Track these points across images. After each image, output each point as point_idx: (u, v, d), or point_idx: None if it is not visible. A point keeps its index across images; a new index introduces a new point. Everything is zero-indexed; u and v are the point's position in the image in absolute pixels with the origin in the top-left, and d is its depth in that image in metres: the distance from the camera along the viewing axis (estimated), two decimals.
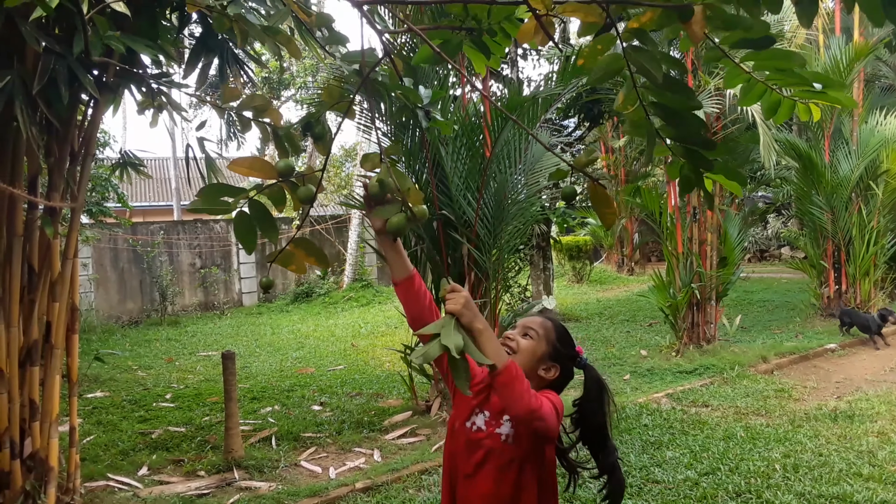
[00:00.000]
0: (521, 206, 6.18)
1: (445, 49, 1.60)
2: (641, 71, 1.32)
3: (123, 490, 4.62)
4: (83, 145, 4.15)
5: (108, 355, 9.48)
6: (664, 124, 1.42)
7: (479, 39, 1.62)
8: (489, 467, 1.87)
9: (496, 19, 1.58)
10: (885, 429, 5.27)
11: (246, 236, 1.53)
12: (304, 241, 1.58)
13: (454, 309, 1.53)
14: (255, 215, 1.52)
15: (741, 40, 1.36)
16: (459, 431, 1.96)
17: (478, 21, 1.58)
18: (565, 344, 1.97)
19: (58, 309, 4.04)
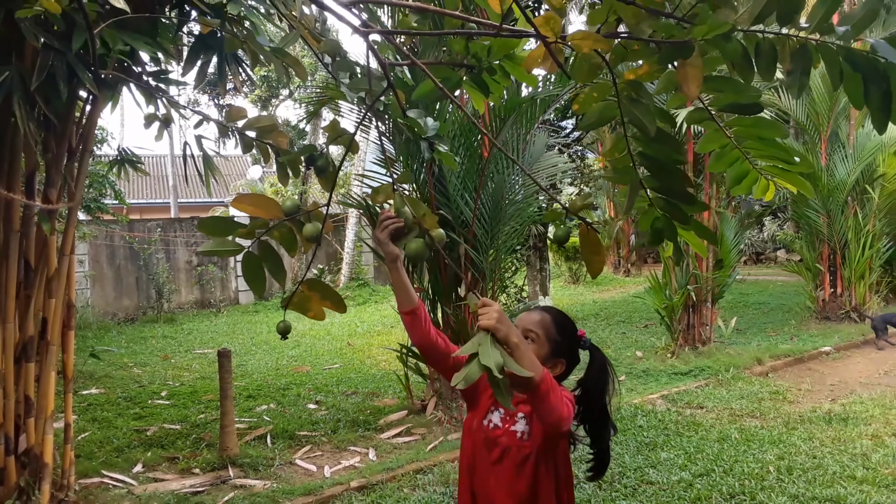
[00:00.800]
0: (518, 206, 6.19)
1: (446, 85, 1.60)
2: (635, 122, 1.33)
3: (118, 487, 4.62)
4: (81, 142, 4.15)
5: (104, 352, 9.47)
6: (648, 175, 1.43)
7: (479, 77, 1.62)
8: (507, 464, 1.91)
9: (496, 57, 1.59)
10: (879, 432, 5.29)
11: (254, 279, 1.52)
12: (318, 283, 1.55)
13: (489, 325, 1.48)
14: (263, 256, 1.50)
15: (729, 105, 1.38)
16: (477, 429, 1.99)
17: (477, 59, 1.59)
18: (567, 335, 1.98)
19: (54, 305, 4.03)
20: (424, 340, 1.92)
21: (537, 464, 1.90)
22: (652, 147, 1.40)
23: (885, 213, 9.90)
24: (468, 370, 1.34)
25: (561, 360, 1.97)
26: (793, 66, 1.26)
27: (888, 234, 10.13)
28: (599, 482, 4.37)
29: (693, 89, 1.23)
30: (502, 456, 1.91)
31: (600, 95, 1.37)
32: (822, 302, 10.25)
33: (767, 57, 1.26)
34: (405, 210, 1.52)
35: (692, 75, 1.23)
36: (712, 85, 1.35)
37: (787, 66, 1.26)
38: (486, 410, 1.98)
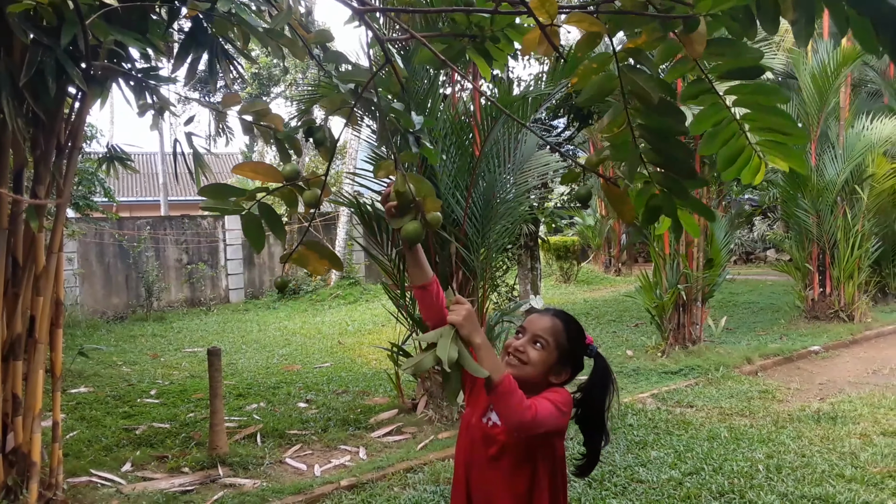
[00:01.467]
0: (509, 205, 6.18)
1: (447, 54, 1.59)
2: (636, 91, 1.32)
3: (106, 486, 4.59)
4: (70, 138, 4.12)
5: (93, 350, 9.42)
6: (649, 149, 1.42)
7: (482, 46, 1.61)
8: (504, 463, 1.91)
9: (499, 26, 1.58)
10: (867, 430, 5.32)
11: (255, 235, 1.55)
12: (316, 243, 1.59)
13: (454, 320, 1.53)
14: (264, 215, 1.52)
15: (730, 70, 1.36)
16: (476, 426, 1.99)
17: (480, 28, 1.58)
18: (577, 343, 1.98)
19: (42, 303, 4.00)
20: (434, 317, 1.88)
21: (535, 463, 1.89)
22: (653, 118, 1.38)
23: (874, 213, 9.96)
24: (421, 358, 1.37)
25: (567, 369, 1.97)
26: (797, 15, 1.24)
27: (877, 234, 10.19)
28: (589, 480, 4.38)
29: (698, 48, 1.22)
30: (501, 453, 1.90)
31: (599, 67, 1.35)
32: (811, 301, 10.30)
33: (769, 8, 1.25)
34: (407, 191, 1.50)
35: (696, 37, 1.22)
36: (713, 49, 1.33)
37: (790, 16, 1.24)
38: (485, 407, 1.97)
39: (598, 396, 2.00)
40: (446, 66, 1.54)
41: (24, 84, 3.17)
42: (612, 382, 2.03)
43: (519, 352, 1.92)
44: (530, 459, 1.90)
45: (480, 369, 1.47)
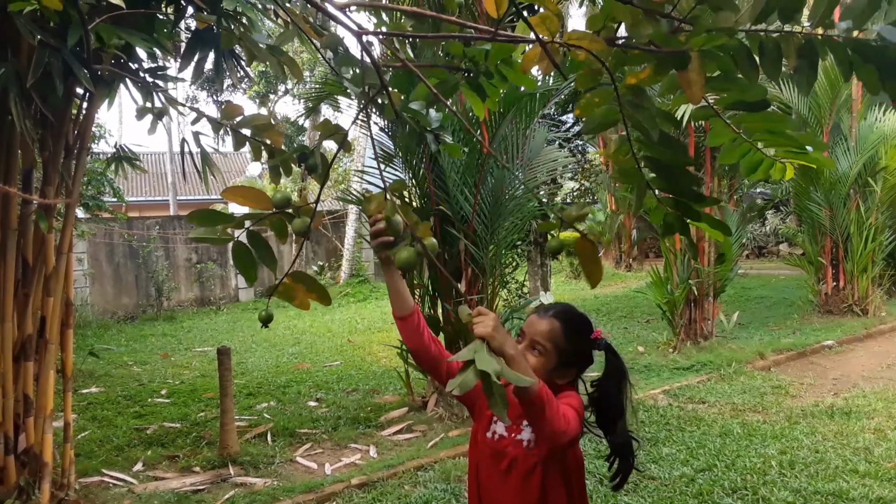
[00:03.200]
0: (518, 201, 6.16)
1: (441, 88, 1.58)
2: (637, 127, 1.31)
3: (118, 486, 4.60)
4: (78, 139, 4.13)
5: (103, 350, 9.47)
6: (655, 177, 1.42)
7: (476, 81, 1.60)
8: (514, 475, 1.87)
9: (493, 61, 1.57)
10: (881, 425, 5.27)
11: (246, 267, 1.52)
12: (304, 275, 1.55)
13: (485, 333, 1.44)
14: (254, 244, 1.50)
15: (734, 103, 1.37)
16: (482, 442, 1.96)
17: (475, 63, 1.57)
18: (578, 341, 1.92)
19: (52, 304, 4.02)
20: (418, 346, 1.87)
21: (545, 472, 1.85)
22: (656, 150, 1.38)
23: (887, 205, 9.86)
24: (464, 376, 1.29)
25: (571, 369, 1.92)
26: (799, 62, 1.24)
27: (891, 227, 10.09)
28: (601, 478, 4.36)
29: (697, 93, 1.21)
30: (510, 467, 1.87)
31: (602, 101, 1.35)
32: (824, 296, 10.22)
33: (772, 55, 1.24)
34: (396, 218, 1.49)
35: (694, 80, 1.21)
36: (716, 85, 1.33)
37: (792, 62, 1.24)
38: (489, 422, 1.94)
39: (612, 393, 1.96)
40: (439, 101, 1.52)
41: (32, 85, 3.17)
42: (626, 376, 1.98)
43: None
44: (541, 470, 1.86)
45: (522, 377, 1.39)
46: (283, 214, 1.50)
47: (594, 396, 1.97)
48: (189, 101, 21.61)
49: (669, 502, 4.06)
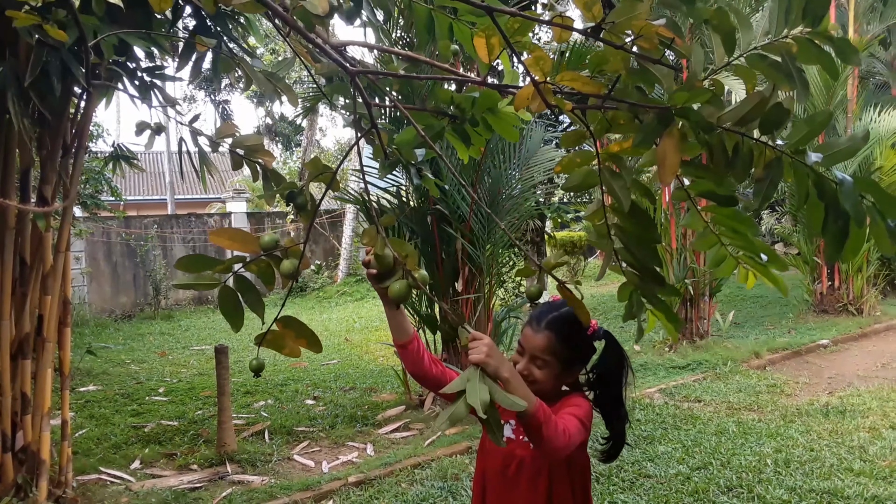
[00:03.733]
0: (515, 201, 6.18)
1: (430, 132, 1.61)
2: (611, 194, 1.34)
3: (115, 483, 4.61)
4: (76, 138, 4.13)
5: (101, 349, 9.46)
6: (623, 248, 1.44)
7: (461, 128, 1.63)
8: (523, 477, 1.90)
9: (480, 110, 1.60)
10: (876, 424, 5.29)
11: (232, 313, 1.49)
12: (293, 319, 1.53)
13: (478, 359, 1.44)
14: (241, 289, 1.49)
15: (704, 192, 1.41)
16: (491, 450, 1.98)
17: (462, 110, 1.59)
18: (576, 342, 1.94)
19: (50, 302, 4.02)
20: (418, 371, 1.90)
21: (553, 473, 1.88)
22: (628, 222, 1.41)
23: None
24: (455, 409, 1.31)
25: (575, 369, 1.96)
26: (764, 173, 1.27)
27: None
28: (597, 475, 4.38)
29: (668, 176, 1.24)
30: (519, 469, 1.90)
31: (583, 162, 1.38)
32: (819, 295, 10.26)
33: (745, 159, 1.27)
34: (387, 252, 1.52)
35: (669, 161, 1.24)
36: (691, 170, 1.38)
37: (759, 172, 1.28)
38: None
39: (612, 377, 1.99)
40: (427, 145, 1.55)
41: (30, 84, 3.18)
42: (626, 361, 2.01)
43: (524, 374, 1.88)
44: (547, 471, 1.89)
45: (516, 402, 1.39)
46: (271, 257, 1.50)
47: (593, 382, 2.00)
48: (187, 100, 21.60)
49: (665, 500, 4.08)
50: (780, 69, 1.27)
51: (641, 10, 1.16)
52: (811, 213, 1.26)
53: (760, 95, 1.21)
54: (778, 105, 1.20)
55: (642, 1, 1.18)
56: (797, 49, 1.25)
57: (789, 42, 1.25)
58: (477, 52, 1.42)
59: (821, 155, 1.23)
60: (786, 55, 1.26)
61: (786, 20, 1.24)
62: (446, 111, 1.60)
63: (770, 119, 1.22)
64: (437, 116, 1.62)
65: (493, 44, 1.37)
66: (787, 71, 1.26)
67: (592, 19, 1.20)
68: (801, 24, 1.23)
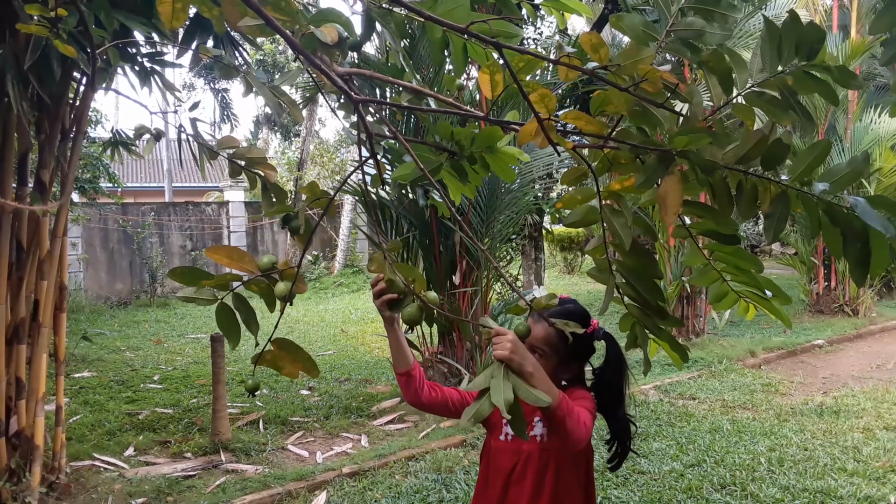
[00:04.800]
0: (514, 195, 6.17)
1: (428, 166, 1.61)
2: (612, 232, 1.36)
3: (109, 470, 4.61)
4: (74, 123, 4.11)
5: (96, 335, 9.45)
6: (625, 283, 1.46)
7: (458, 164, 1.64)
8: (529, 472, 1.89)
9: (479, 147, 1.61)
10: (870, 425, 5.31)
11: (228, 327, 1.51)
12: (289, 343, 1.54)
13: (502, 356, 1.43)
14: (237, 307, 1.51)
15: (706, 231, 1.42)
16: (496, 449, 1.98)
17: (460, 146, 1.60)
18: (575, 338, 1.88)
19: (46, 287, 4.01)
20: (417, 401, 1.95)
21: (559, 466, 1.89)
22: (629, 258, 1.42)
23: None
24: (479, 406, 1.31)
25: (573, 364, 1.96)
26: (771, 209, 1.28)
27: None
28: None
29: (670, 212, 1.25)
30: (526, 464, 1.89)
31: (584, 199, 1.40)
32: (815, 295, 10.28)
33: (749, 196, 1.28)
34: (396, 279, 1.55)
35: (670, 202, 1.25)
36: (693, 210, 1.39)
37: (766, 208, 1.28)
38: (501, 425, 1.97)
39: (612, 380, 1.99)
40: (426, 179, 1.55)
41: (29, 68, 3.16)
42: (624, 363, 2.01)
43: None
44: (554, 466, 1.89)
45: (541, 397, 1.39)
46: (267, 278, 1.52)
47: (595, 383, 2.00)
48: (186, 87, 21.53)
49: (659, 497, 4.08)
50: (779, 104, 1.28)
51: (647, 55, 1.17)
52: (828, 238, 1.26)
53: (760, 133, 1.21)
54: (778, 141, 1.21)
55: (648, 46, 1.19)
56: (793, 82, 1.25)
57: (786, 76, 1.25)
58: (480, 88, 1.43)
59: (827, 184, 1.23)
60: (783, 89, 1.26)
61: (779, 56, 1.24)
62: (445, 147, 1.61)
63: (771, 155, 1.23)
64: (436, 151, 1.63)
65: (496, 80, 1.38)
66: (786, 105, 1.27)
67: (599, 61, 1.21)
68: (794, 58, 1.23)
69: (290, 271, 1.52)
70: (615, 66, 1.21)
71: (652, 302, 1.47)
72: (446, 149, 1.63)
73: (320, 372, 1.57)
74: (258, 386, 1.59)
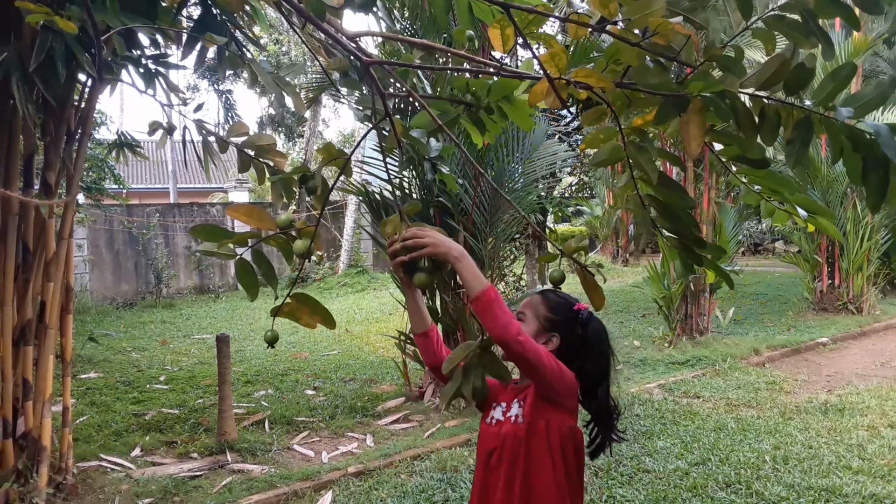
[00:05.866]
0: (517, 194, 6.18)
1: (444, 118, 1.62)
2: (638, 168, 1.36)
3: (116, 471, 4.63)
4: (80, 125, 4.13)
5: (103, 336, 9.48)
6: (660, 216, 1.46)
7: (476, 115, 1.64)
8: (505, 460, 1.86)
9: (495, 98, 1.61)
10: (874, 423, 5.30)
11: (249, 282, 1.56)
12: (307, 297, 1.59)
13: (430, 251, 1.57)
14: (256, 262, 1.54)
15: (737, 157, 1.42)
16: (484, 434, 1.98)
17: (477, 98, 1.60)
18: (558, 311, 1.93)
19: (52, 289, 4.03)
20: (434, 362, 1.95)
21: (529, 453, 1.83)
22: (660, 191, 1.42)
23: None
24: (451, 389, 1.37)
25: (554, 335, 1.92)
26: (794, 135, 1.27)
27: (886, 226, 10.12)
28: (595, 470, 4.39)
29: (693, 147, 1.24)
30: (502, 448, 1.86)
31: (606, 138, 1.40)
32: (819, 293, 10.26)
33: (771, 122, 1.27)
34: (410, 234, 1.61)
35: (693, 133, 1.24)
36: (718, 138, 1.38)
37: (788, 133, 1.27)
38: (490, 410, 1.96)
39: (594, 360, 1.93)
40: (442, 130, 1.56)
41: (35, 69, 3.17)
42: (608, 344, 1.97)
43: None
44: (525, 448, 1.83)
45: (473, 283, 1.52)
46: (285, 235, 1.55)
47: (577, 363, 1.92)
48: (190, 89, 21.57)
49: (664, 495, 4.09)
50: (800, 28, 1.24)
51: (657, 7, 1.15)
52: (849, 165, 1.25)
53: (782, 58, 1.19)
54: (801, 65, 1.19)
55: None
56: (815, 4, 1.22)
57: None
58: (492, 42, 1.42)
59: (851, 109, 1.22)
60: (804, 13, 1.24)
61: None
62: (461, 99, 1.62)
63: (794, 80, 1.21)
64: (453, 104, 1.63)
65: (507, 34, 1.38)
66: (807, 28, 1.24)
67: (608, 15, 1.20)
68: None
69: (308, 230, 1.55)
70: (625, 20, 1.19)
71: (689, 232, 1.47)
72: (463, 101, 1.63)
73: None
74: (277, 338, 1.66)
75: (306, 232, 1.54)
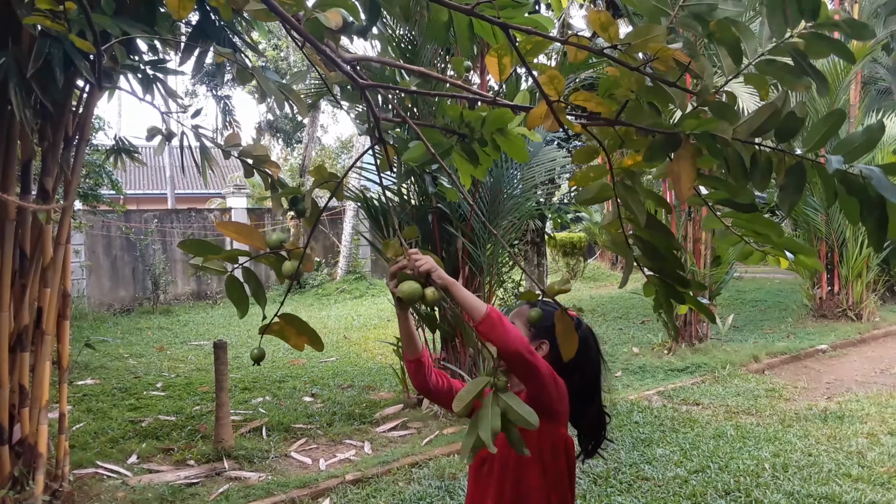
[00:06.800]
0: (516, 201, 6.17)
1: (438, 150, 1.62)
2: (627, 208, 1.36)
3: (112, 478, 4.60)
4: (77, 130, 4.12)
5: (99, 343, 9.45)
6: (643, 256, 1.46)
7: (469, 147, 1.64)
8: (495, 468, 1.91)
9: (489, 129, 1.61)
10: (874, 430, 5.29)
11: (238, 298, 1.56)
12: (294, 317, 1.58)
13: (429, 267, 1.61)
14: (246, 279, 1.54)
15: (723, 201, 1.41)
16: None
17: (471, 129, 1.60)
18: (547, 317, 1.89)
19: (49, 295, 4.01)
20: (424, 386, 2.00)
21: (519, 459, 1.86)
22: (646, 232, 1.42)
23: None
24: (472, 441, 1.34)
25: (544, 341, 1.96)
26: (786, 181, 1.27)
27: None
28: (594, 477, 4.37)
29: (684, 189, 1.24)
30: (492, 455, 1.88)
31: (596, 176, 1.40)
32: (818, 300, 10.25)
33: (763, 168, 1.28)
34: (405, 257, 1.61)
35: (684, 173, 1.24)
36: (707, 182, 1.38)
37: (780, 179, 1.28)
38: None
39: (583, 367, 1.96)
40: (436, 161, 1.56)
41: (32, 75, 3.17)
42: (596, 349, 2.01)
43: None
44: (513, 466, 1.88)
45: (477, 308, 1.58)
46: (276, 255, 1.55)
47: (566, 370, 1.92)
48: (188, 94, 21.59)
49: (663, 503, 4.07)
50: (792, 70, 1.26)
51: (658, 33, 1.16)
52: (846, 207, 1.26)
53: (773, 106, 1.20)
54: (791, 114, 1.20)
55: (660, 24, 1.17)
56: (805, 45, 1.23)
57: (796, 41, 1.24)
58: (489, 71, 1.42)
59: (841, 158, 1.22)
60: (795, 54, 1.25)
61: (784, 20, 1.22)
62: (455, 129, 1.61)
63: (785, 128, 1.22)
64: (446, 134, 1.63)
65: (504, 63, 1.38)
66: (799, 70, 1.25)
67: (608, 40, 1.20)
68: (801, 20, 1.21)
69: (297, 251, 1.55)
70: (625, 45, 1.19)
71: (673, 273, 1.46)
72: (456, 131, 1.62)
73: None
74: (263, 355, 1.64)
75: (296, 253, 1.54)
